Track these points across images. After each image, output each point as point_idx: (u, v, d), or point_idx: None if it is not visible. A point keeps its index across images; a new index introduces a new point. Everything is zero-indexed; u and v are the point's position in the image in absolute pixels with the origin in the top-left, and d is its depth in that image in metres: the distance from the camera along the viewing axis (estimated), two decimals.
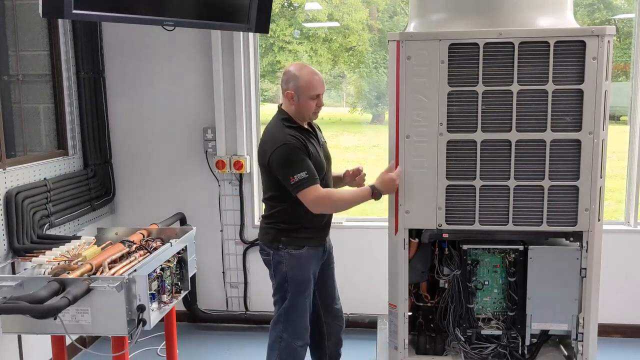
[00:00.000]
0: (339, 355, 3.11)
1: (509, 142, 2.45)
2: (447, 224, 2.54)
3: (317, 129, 2.94)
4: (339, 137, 10.85)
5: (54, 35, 3.66)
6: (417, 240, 2.64)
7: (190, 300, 4.13)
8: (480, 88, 2.44)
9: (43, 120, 3.76)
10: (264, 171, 2.77)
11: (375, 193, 2.63)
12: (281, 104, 2.80)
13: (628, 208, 3.82)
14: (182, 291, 2.90)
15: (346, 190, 2.74)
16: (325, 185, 2.80)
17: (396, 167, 2.57)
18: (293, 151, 2.63)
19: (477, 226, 2.53)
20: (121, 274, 2.47)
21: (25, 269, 2.70)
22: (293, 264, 2.76)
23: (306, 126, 2.81)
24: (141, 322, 2.40)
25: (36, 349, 3.34)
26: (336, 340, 3.08)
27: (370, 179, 2.79)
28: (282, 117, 2.75)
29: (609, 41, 2.36)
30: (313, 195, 2.62)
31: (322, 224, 2.83)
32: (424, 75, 2.46)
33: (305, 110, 2.73)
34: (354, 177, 2.96)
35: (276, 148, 2.64)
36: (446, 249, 2.67)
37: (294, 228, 2.75)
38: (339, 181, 3.03)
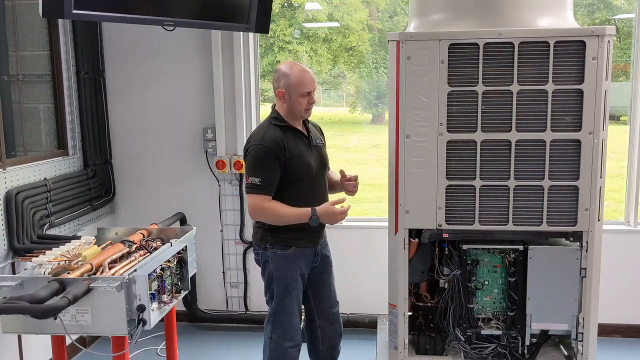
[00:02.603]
0: None
1: (509, 142, 2.45)
2: (447, 224, 2.54)
3: (316, 130, 2.93)
4: (339, 137, 10.86)
5: (54, 35, 3.66)
6: (417, 240, 2.63)
7: (190, 300, 4.13)
8: (480, 88, 2.43)
9: (43, 120, 3.76)
10: None
11: (312, 218, 2.65)
12: (274, 105, 2.81)
13: (628, 208, 3.82)
14: (182, 291, 2.90)
15: (288, 207, 2.68)
16: (313, 190, 2.77)
17: (344, 203, 2.65)
18: (263, 153, 2.64)
19: (477, 226, 2.53)
20: (121, 274, 2.47)
21: (25, 269, 2.70)
22: (279, 264, 2.76)
23: (300, 127, 2.80)
24: (141, 322, 2.40)
25: (36, 349, 3.34)
26: (331, 344, 3.02)
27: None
28: (272, 117, 2.76)
29: (609, 41, 2.36)
30: (255, 202, 2.65)
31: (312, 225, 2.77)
32: (424, 75, 2.46)
33: (297, 108, 2.73)
34: (347, 181, 2.87)
35: (252, 145, 2.68)
36: (446, 249, 2.67)
37: (281, 228, 2.73)
38: (337, 186, 2.97)
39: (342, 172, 2.91)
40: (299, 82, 2.69)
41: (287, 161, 2.67)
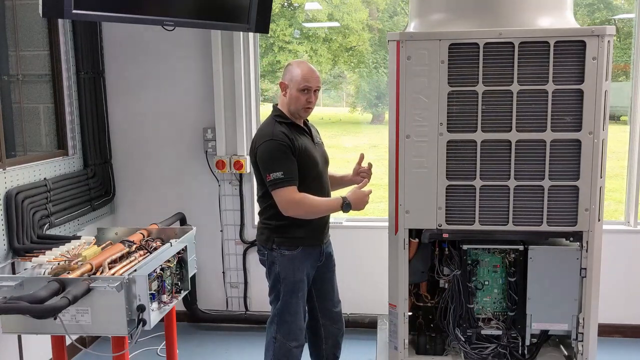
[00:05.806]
0: (336, 358, 3.07)
1: (509, 142, 2.45)
2: (447, 224, 2.54)
3: (313, 129, 2.94)
4: (339, 138, 10.85)
5: (54, 35, 3.66)
6: (417, 240, 2.63)
7: (190, 300, 4.13)
8: (480, 88, 2.43)
9: (43, 120, 3.76)
10: (255, 168, 2.76)
11: (345, 205, 2.65)
12: (276, 104, 2.81)
13: (628, 208, 3.82)
14: (182, 291, 2.90)
15: (318, 198, 2.69)
16: (320, 184, 2.78)
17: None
18: (277, 147, 2.63)
19: (477, 226, 2.53)
20: (121, 274, 2.47)
21: (25, 269, 2.71)
22: (286, 265, 2.75)
23: (301, 124, 2.81)
24: (141, 322, 2.40)
25: (36, 349, 3.34)
26: (334, 343, 3.04)
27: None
28: (275, 114, 2.77)
29: (609, 41, 2.36)
30: (286, 196, 2.61)
31: (317, 223, 2.78)
32: (424, 75, 2.46)
33: (294, 103, 2.72)
34: (359, 172, 2.93)
35: (263, 142, 2.66)
36: (446, 249, 2.67)
37: (286, 225, 2.72)
38: (337, 183, 3.01)
39: (361, 156, 2.95)
40: (301, 76, 2.70)
41: (296, 156, 2.67)
